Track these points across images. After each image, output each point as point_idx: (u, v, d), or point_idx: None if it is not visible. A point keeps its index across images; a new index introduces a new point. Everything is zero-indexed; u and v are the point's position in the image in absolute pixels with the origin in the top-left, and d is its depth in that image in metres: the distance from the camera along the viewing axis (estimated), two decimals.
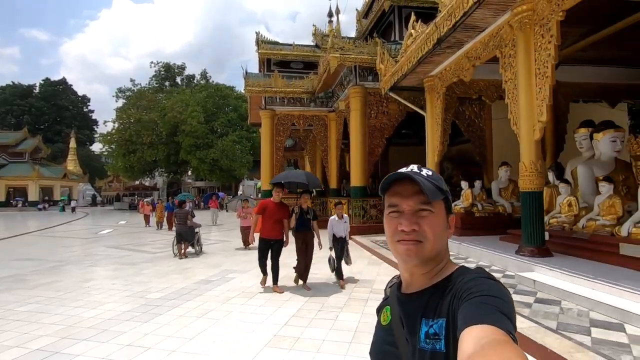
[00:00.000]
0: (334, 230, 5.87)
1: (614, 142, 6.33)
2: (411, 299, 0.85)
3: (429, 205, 0.81)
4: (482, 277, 0.75)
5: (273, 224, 5.49)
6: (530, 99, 5.72)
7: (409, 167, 0.88)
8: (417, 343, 0.78)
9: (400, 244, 0.83)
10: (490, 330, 0.61)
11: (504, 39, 6.33)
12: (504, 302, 0.68)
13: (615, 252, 4.91)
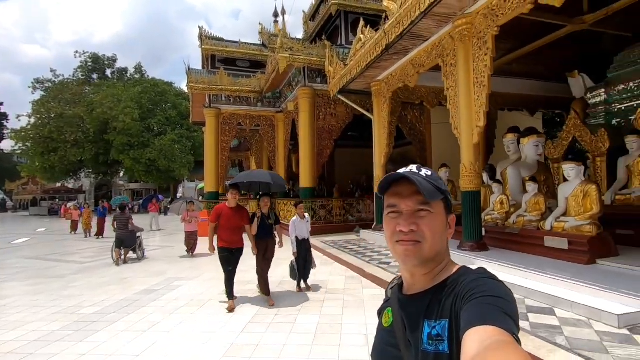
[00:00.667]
0: (297, 232, 5.55)
1: (537, 146, 7.11)
2: (413, 300, 0.85)
3: (427, 205, 0.81)
4: (484, 277, 0.75)
5: (231, 232, 4.84)
6: (470, 106, 6.19)
7: (408, 167, 0.87)
8: (420, 345, 0.77)
9: (399, 244, 0.82)
10: (493, 331, 0.61)
11: (446, 48, 6.78)
12: (506, 302, 0.68)
13: (541, 244, 5.52)
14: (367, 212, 12.39)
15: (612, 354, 2.81)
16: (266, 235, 5.15)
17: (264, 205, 5.19)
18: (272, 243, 5.24)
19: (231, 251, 4.86)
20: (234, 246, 4.87)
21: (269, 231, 5.19)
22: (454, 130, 6.66)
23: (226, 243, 4.83)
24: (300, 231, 5.60)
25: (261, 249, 5.11)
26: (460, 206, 8.00)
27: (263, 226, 5.11)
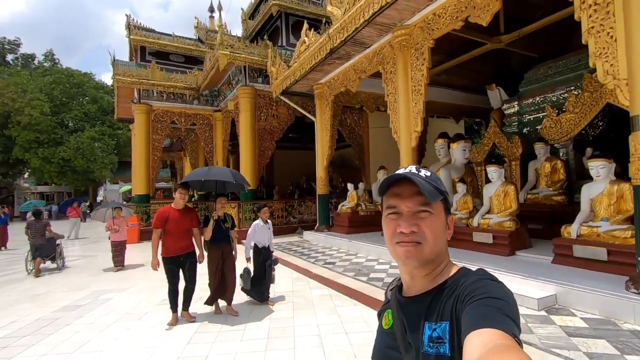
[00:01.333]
0: (256, 238, 4.92)
1: (464, 150, 7.83)
2: (413, 302, 0.84)
3: (428, 206, 0.81)
4: (484, 278, 0.75)
5: (179, 237, 4.26)
6: (408, 112, 6.60)
7: (407, 167, 0.86)
8: (421, 347, 0.77)
9: (399, 245, 0.81)
10: (495, 335, 0.61)
11: (386, 56, 7.15)
12: (507, 304, 0.68)
13: (470, 239, 6.09)
14: (308, 214, 12.49)
15: (536, 334, 3.21)
16: (222, 241, 4.58)
17: (221, 206, 4.63)
18: (228, 249, 4.66)
19: (179, 260, 4.29)
20: (182, 252, 4.31)
21: (225, 236, 4.62)
22: (394, 134, 7.04)
23: (173, 251, 4.24)
24: (262, 237, 4.96)
25: (215, 256, 4.54)
26: None
27: (219, 230, 4.55)
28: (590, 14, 3.96)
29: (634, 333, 3.11)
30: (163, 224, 4.21)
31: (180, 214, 4.31)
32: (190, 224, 4.39)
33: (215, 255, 4.56)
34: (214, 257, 4.56)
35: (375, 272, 5.82)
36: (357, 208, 9.31)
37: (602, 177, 4.64)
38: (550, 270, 4.54)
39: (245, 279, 4.83)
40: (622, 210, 4.47)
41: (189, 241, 4.40)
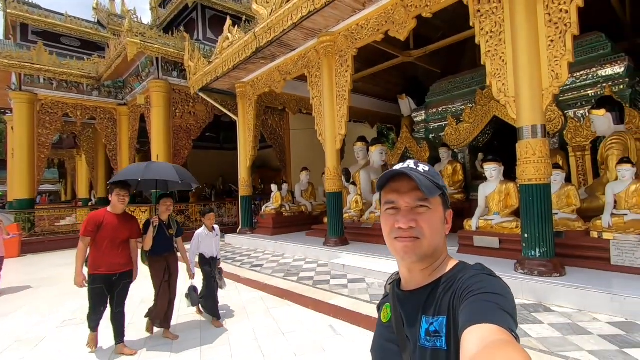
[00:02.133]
0: (201, 248, 4.29)
1: (381, 153, 8.49)
2: (411, 296, 0.84)
3: (426, 201, 0.81)
4: (482, 273, 0.76)
5: (115, 250, 3.41)
6: (333, 115, 6.88)
7: (405, 162, 0.86)
8: (418, 340, 0.77)
9: (397, 241, 0.81)
10: (493, 330, 0.61)
11: (311, 60, 7.34)
12: (505, 299, 0.68)
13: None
14: (229, 216, 12.05)
15: None
16: (166, 250, 3.90)
17: (165, 209, 3.91)
18: (173, 259, 3.99)
19: (111, 280, 3.41)
20: (118, 270, 3.43)
21: (169, 245, 3.94)
22: (319, 136, 7.25)
23: (105, 268, 3.36)
24: (208, 247, 4.32)
25: (159, 269, 3.82)
26: (320, 207, 8.78)
27: (162, 238, 3.83)
28: (487, 40, 4.68)
29: (523, 306, 3.78)
30: (95, 231, 3.34)
31: (118, 221, 3.46)
32: (128, 232, 3.55)
33: (159, 268, 3.83)
34: (158, 270, 3.82)
35: (304, 271, 5.92)
36: (281, 209, 9.33)
37: (494, 178, 5.50)
38: (457, 258, 5.21)
39: (193, 298, 4.18)
40: (509, 206, 5.37)
41: (127, 257, 3.54)
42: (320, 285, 5.02)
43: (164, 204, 3.91)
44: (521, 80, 4.29)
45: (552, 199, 4.30)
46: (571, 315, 3.47)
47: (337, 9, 5.99)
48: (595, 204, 4.91)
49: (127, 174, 3.84)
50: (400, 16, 5.70)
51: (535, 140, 4.21)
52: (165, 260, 3.89)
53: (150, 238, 3.75)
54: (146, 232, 3.76)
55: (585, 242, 4.43)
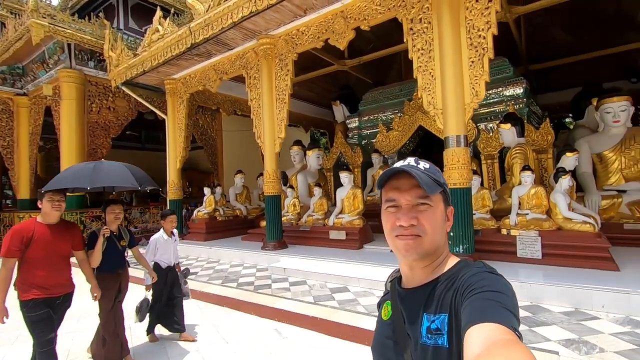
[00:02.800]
0: (157, 255, 3.75)
1: (318, 157, 8.69)
2: (412, 294, 0.84)
3: (427, 199, 0.80)
4: (484, 271, 0.75)
5: (55, 268, 2.73)
6: (272, 118, 6.85)
7: (405, 160, 0.86)
8: (419, 338, 0.77)
9: (398, 239, 0.81)
10: (496, 329, 0.61)
11: (250, 61, 7.22)
12: (507, 297, 0.68)
13: (327, 237, 6.79)
14: (154, 222, 11.14)
15: None
16: (117, 267, 3.25)
17: (114, 218, 3.25)
18: (126, 277, 3.39)
19: (52, 304, 2.70)
20: (57, 294, 2.74)
21: (121, 259, 3.30)
22: (258, 139, 7.16)
23: (43, 291, 2.64)
24: (165, 254, 3.80)
25: (110, 290, 3.17)
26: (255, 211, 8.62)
27: (112, 252, 3.18)
28: (419, 56, 5.13)
29: None
30: (20, 249, 2.57)
31: (53, 233, 2.73)
32: (71, 246, 2.87)
33: (110, 289, 3.17)
34: (108, 291, 3.15)
35: (243, 277, 5.76)
36: (215, 213, 8.94)
37: None
38: (392, 257, 5.56)
39: (144, 310, 3.61)
40: None
41: (66, 275, 2.84)
42: (262, 290, 4.94)
43: (111, 212, 3.23)
44: (448, 95, 4.79)
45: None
46: None
47: (279, 12, 6.01)
48: (504, 205, 5.68)
49: (69, 180, 3.08)
50: (340, 26, 5.94)
51: (459, 148, 4.73)
52: (118, 279, 3.24)
53: (98, 252, 3.05)
54: (92, 247, 3.06)
55: (497, 238, 5.10)
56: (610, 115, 6.10)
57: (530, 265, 4.62)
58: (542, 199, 4.94)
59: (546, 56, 9.93)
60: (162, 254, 3.79)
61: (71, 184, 3.06)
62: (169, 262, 3.83)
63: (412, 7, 5.15)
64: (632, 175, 5.84)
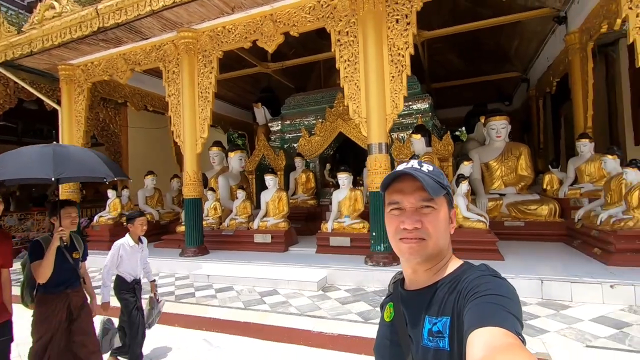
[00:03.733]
0: (122, 266, 3.12)
1: (240, 160, 8.48)
2: (414, 296, 0.84)
3: (431, 201, 0.80)
4: (487, 274, 0.74)
5: None
6: (194, 117, 6.49)
7: (409, 162, 0.85)
8: (420, 340, 0.76)
9: (402, 242, 0.81)
10: (499, 333, 0.60)
11: (169, 54, 6.72)
12: (511, 301, 0.67)
13: (252, 241, 6.67)
14: (38, 230, 9.44)
15: (323, 308, 4.06)
16: (69, 283, 2.56)
17: (70, 223, 2.58)
18: (80, 297, 2.65)
19: None
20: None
21: (74, 274, 2.61)
22: (177, 138, 6.68)
23: None
24: (131, 266, 3.17)
25: (52, 316, 2.46)
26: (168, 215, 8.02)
27: (63, 265, 2.50)
28: (345, 67, 5.44)
29: (376, 292, 4.54)
30: None
31: None
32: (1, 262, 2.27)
33: (54, 315, 2.46)
34: (51, 318, 2.44)
35: (161, 286, 5.26)
36: (121, 218, 8.01)
37: (346, 185, 6.35)
38: (317, 258, 5.75)
39: (112, 337, 3.00)
40: (357, 210, 6.30)
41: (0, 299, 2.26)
42: (185, 299, 4.63)
43: (67, 215, 2.55)
44: (371, 105, 5.18)
45: None
46: None
47: (205, 7, 5.73)
48: None
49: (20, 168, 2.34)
50: (269, 29, 5.94)
51: (381, 155, 5.15)
52: (65, 300, 2.52)
53: (50, 263, 2.35)
54: (39, 257, 2.36)
55: None
56: (494, 131, 7.32)
57: None
58: None
59: (444, 77, 11.43)
60: (127, 265, 3.16)
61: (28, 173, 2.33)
62: (135, 274, 3.22)
63: (340, 20, 5.44)
64: (509, 181, 7.09)
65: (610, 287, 3.74)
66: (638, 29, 4.05)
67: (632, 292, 3.68)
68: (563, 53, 7.42)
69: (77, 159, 2.60)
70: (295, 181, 8.85)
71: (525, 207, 6.46)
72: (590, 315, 3.44)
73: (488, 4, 7.54)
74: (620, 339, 2.95)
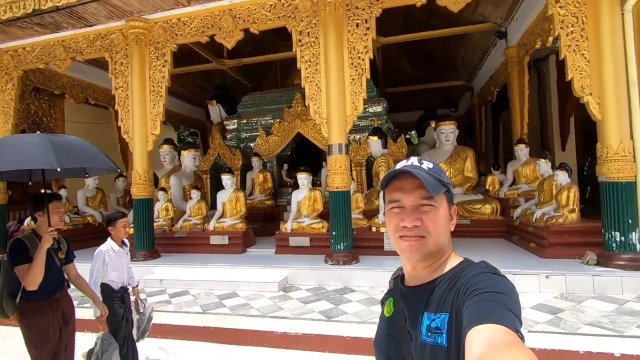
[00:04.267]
0: (109, 274, 2.79)
1: (194, 158, 8.16)
2: (414, 292, 0.85)
3: (431, 199, 0.80)
4: (486, 272, 0.74)
5: None
6: (145, 112, 6.11)
7: (409, 160, 0.86)
8: (419, 336, 0.77)
9: (402, 240, 0.81)
10: (498, 330, 0.60)
11: (116, 44, 6.28)
12: (509, 298, 0.67)
13: (207, 243, 6.43)
14: None
15: (285, 308, 4.03)
16: (57, 287, 2.32)
17: (59, 220, 2.35)
18: (68, 304, 2.42)
19: None
20: None
21: (61, 278, 2.37)
22: (124, 134, 6.26)
23: None
24: (117, 272, 2.86)
25: (50, 325, 2.22)
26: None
27: (51, 268, 2.24)
28: (306, 67, 5.46)
29: (335, 291, 4.61)
30: None
31: None
32: None
33: (49, 326, 2.21)
34: (46, 328, 2.20)
35: None
36: None
37: (305, 186, 6.37)
38: (276, 259, 5.70)
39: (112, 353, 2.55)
40: (316, 210, 6.34)
41: None
42: None
43: (57, 211, 2.31)
44: (332, 106, 5.25)
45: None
46: (368, 291, 4.53)
47: None
48: (372, 206, 6.54)
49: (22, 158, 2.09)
50: (228, 24, 5.77)
51: (341, 155, 5.24)
52: (56, 307, 2.28)
53: (40, 266, 2.09)
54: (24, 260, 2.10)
55: (369, 235, 5.83)
56: (443, 135, 7.78)
57: (394, 256, 5.44)
58: None
59: (397, 82, 11.93)
60: (113, 271, 2.83)
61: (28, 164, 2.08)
62: (121, 281, 2.90)
63: (302, 20, 5.45)
64: (457, 182, 7.58)
65: (546, 278, 4.16)
66: (568, 47, 4.56)
67: (563, 281, 4.12)
68: (503, 65, 8.10)
69: (77, 148, 2.38)
70: (252, 181, 8.69)
71: (471, 206, 6.94)
72: (530, 304, 3.80)
73: (439, 15, 8.01)
74: (556, 323, 3.30)
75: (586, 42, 4.49)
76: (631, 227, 4.27)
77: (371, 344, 3.23)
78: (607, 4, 4.40)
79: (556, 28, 4.65)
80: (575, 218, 5.05)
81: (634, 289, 3.94)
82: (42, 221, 2.28)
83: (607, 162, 4.37)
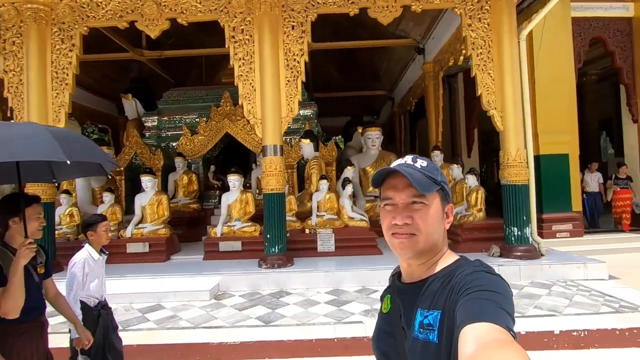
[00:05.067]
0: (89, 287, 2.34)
1: None
2: (409, 289, 0.86)
3: (421, 197, 0.81)
4: (481, 270, 0.75)
5: None
6: (45, 102, 5.30)
7: (403, 158, 0.86)
8: (412, 332, 0.79)
9: (394, 237, 0.83)
10: (491, 329, 0.61)
11: (7, 20, 5.34)
12: (503, 297, 0.68)
13: (124, 251, 5.76)
14: None
15: (219, 317, 3.81)
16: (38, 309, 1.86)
17: (38, 227, 1.85)
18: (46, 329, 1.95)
19: None
20: None
21: (41, 298, 1.90)
22: None
23: None
24: (96, 284, 2.40)
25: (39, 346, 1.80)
26: None
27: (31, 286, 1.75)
28: (240, 65, 5.29)
29: (272, 295, 4.51)
30: None
31: None
32: None
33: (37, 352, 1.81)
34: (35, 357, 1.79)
35: None
36: None
37: (237, 188, 6.14)
38: (206, 265, 5.37)
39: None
40: (247, 212, 6.14)
41: None
42: None
43: (36, 217, 1.85)
44: (267, 106, 5.16)
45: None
46: (304, 293, 4.53)
47: None
48: (305, 208, 6.57)
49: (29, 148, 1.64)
50: (151, 11, 5.29)
51: (276, 157, 5.18)
52: (42, 329, 1.90)
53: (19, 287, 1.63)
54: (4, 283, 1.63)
55: (302, 237, 5.86)
56: (370, 140, 8.21)
57: (327, 257, 5.57)
58: (334, 203, 6.09)
59: (325, 88, 12.26)
60: (92, 283, 2.38)
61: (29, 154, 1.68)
62: (100, 295, 2.45)
63: (235, 17, 5.27)
64: None
65: None
66: (478, 66, 5.20)
67: None
68: (420, 78, 8.90)
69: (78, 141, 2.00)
70: (175, 183, 8.06)
71: None
72: None
73: (366, 26, 8.47)
74: None
75: (492, 62, 5.17)
76: (525, 223, 5.02)
77: (312, 345, 3.23)
78: (507, 32, 5.14)
79: (468, 49, 5.26)
80: (482, 216, 5.76)
81: (529, 275, 4.64)
82: (15, 230, 1.81)
83: (507, 167, 5.07)
